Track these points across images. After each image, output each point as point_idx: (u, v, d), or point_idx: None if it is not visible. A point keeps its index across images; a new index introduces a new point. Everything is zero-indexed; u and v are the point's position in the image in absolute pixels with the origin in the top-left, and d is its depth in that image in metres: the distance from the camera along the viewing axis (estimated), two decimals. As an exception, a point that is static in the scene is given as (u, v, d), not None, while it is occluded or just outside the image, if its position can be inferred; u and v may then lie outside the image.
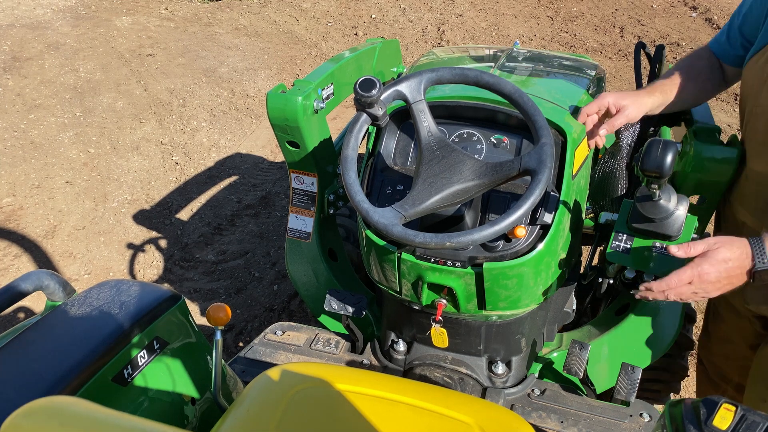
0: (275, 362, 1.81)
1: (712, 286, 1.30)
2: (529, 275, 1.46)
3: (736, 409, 0.93)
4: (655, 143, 1.29)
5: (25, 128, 4.54)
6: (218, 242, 3.64)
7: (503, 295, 1.48)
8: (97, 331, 1.27)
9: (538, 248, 1.42)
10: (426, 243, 1.27)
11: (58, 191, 4.00)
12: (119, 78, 5.22)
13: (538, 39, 5.90)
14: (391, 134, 1.60)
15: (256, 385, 1.28)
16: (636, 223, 1.49)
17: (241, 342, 3.00)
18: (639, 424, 1.58)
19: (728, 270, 1.28)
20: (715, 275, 1.28)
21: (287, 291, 3.26)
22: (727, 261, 1.27)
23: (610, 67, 5.39)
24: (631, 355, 1.76)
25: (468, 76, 1.39)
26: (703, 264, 1.29)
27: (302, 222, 2.01)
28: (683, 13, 6.20)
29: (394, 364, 1.80)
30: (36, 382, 1.15)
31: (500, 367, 1.72)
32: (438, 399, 1.27)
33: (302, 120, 1.76)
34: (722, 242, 1.29)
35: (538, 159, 1.28)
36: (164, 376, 1.38)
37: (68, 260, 3.51)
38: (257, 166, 4.35)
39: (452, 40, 5.90)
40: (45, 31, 5.87)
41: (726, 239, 1.30)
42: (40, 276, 1.40)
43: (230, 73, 5.40)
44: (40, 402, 0.88)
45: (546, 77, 1.87)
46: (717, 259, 1.28)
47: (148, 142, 4.53)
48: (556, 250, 1.50)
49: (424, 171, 1.33)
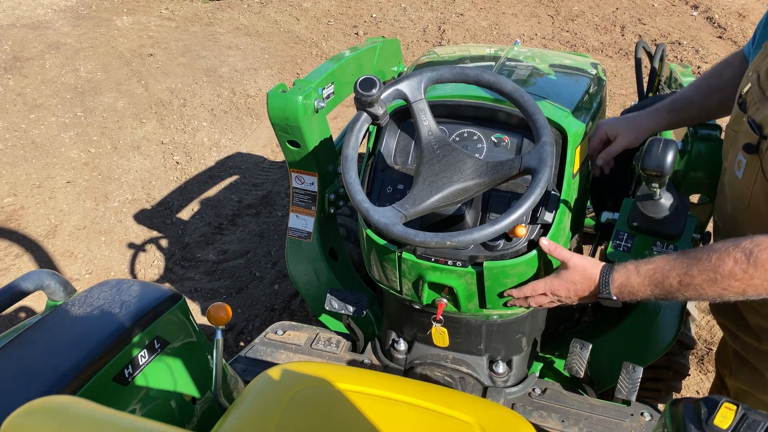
0: (276, 362, 1.81)
1: (565, 300, 1.40)
2: (530, 274, 1.46)
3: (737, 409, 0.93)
4: (656, 142, 1.29)
5: (26, 128, 4.54)
6: (219, 242, 3.64)
7: (504, 294, 1.48)
8: (97, 330, 1.27)
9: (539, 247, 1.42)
10: (426, 242, 1.27)
11: (59, 191, 4.00)
12: (120, 78, 5.22)
13: (538, 38, 5.90)
14: (391, 133, 1.60)
15: (257, 385, 1.28)
16: (637, 222, 1.49)
17: (242, 341, 3.00)
18: (640, 424, 1.58)
19: (576, 290, 1.37)
20: (564, 293, 1.38)
21: (288, 290, 3.26)
22: (575, 283, 1.36)
23: (610, 66, 5.39)
24: (632, 354, 1.76)
25: (468, 75, 1.39)
26: (553, 281, 1.39)
27: (303, 221, 2.01)
28: (684, 12, 6.19)
29: (394, 363, 1.80)
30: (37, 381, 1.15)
31: (501, 366, 1.72)
32: (439, 398, 1.27)
33: (303, 119, 1.76)
34: (577, 264, 1.36)
35: (538, 158, 1.27)
36: (165, 376, 1.38)
37: (69, 260, 3.51)
38: (258, 166, 4.35)
39: (453, 40, 5.90)
40: (46, 30, 5.87)
41: (582, 263, 1.36)
42: (41, 275, 1.40)
43: (231, 72, 5.40)
44: (40, 401, 0.88)
45: (546, 76, 1.87)
46: (566, 280, 1.37)
47: (149, 142, 4.53)
48: (557, 249, 1.50)
49: (424, 170, 1.33)
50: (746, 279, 1.15)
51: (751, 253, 1.14)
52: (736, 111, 1.45)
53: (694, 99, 1.68)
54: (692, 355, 2.79)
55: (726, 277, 1.16)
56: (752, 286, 1.16)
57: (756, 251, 1.14)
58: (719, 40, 5.69)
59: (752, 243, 1.15)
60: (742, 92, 1.43)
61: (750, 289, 1.16)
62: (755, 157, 1.34)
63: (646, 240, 1.49)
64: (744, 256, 1.15)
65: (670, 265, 1.24)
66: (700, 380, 2.71)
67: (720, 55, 5.39)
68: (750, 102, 1.38)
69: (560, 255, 1.38)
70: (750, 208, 1.39)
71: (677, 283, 1.23)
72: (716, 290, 1.19)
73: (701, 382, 2.70)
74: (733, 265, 1.15)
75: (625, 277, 1.29)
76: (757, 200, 1.36)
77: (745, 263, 1.14)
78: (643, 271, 1.28)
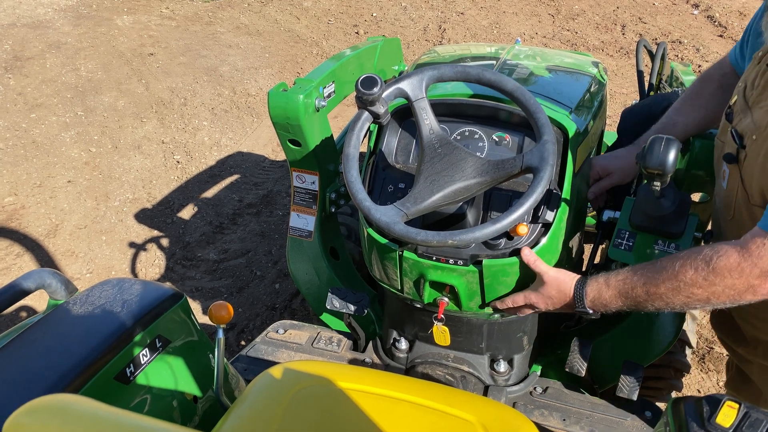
0: (277, 360, 1.81)
1: (545, 310, 1.44)
2: (530, 273, 1.46)
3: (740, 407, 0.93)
4: (658, 140, 1.28)
5: (26, 127, 4.54)
6: (220, 241, 3.64)
7: (503, 293, 1.48)
8: (99, 329, 1.28)
9: (540, 245, 1.42)
10: (428, 241, 1.27)
11: (60, 190, 4.00)
12: (120, 77, 5.22)
13: (539, 37, 5.89)
14: (392, 132, 1.60)
15: (258, 384, 1.28)
16: (638, 221, 1.48)
17: (243, 340, 3.00)
18: (641, 422, 1.58)
19: (553, 303, 1.40)
20: (543, 305, 1.42)
21: (289, 289, 3.26)
22: (551, 298, 1.39)
23: (611, 65, 5.38)
24: (633, 352, 1.75)
25: (470, 74, 1.39)
26: (531, 294, 1.43)
27: (304, 220, 2.01)
28: (685, 11, 6.19)
29: (396, 362, 1.80)
30: (38, 380, 1.15)
31: (502, 365, 1.72)
32: (440, 397, 1.27)
33: (303, 118, 1.76)
34: (551, 280, 1.38)
35: (540, 157, 1.27)
36: (166, 375, 1.38)
37: (70, 259, 3.51)
38: (259, 165, 4.35)
39: (453, 39, 5.89)
40: (46, 30, 5.87)
41: (557, 278, 1.38)
42: (42, 275, 1.40)
43: (231, 71, 5.40)
44: (42, 400, 0.88)
45: (547, 75, 1.87)
46: (543, 294, 1.40)
47: (150, 141, 4.53)
48: (558, 248, 1.49)
49: (425, 169, 1.33)
50: (707, 286, 1.16)
51: (711, 259, 1.15)
52: (723, 122, 1.47)
53: (677, 121, 1.70)
54: (693, 354, 2.79)
55: (689, 285, 1.17)
56: (714, 294, 1.17)
57: (715, 258, 1.14)
58: (720, 38, 5.68)
59: (712, 251, 1.16)
60: (730, 103, 1.44)
61: (713, 297, 1.17)
62: (735, 166, 1.35)
63: (647, 239, 1.49)
64: (704, 263, 1.15)
65: (638, 276, 1.25)
66: (701, 379, 2.71)
67: (720, 54, 5.39)
68: (735, 112, 1.39)
69: (538, 268, 1.39)
70: (734, 219, 1.40)
71: (644, 293, 1.24)
72: (681, 299, 1.20)
73: (702, 381, 2.70)
74: (694, 273, 1.16)
75: (597, 291, 1.31)
76: (740, 211, 1.36)
77: (705, 270, 1.15)
78: (612, 284, 1.29)
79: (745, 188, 1.31)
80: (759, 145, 1.26)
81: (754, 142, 1.27)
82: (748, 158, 1.29)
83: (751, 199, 1.30)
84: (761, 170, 1.24)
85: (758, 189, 1.26)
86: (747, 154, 1.30)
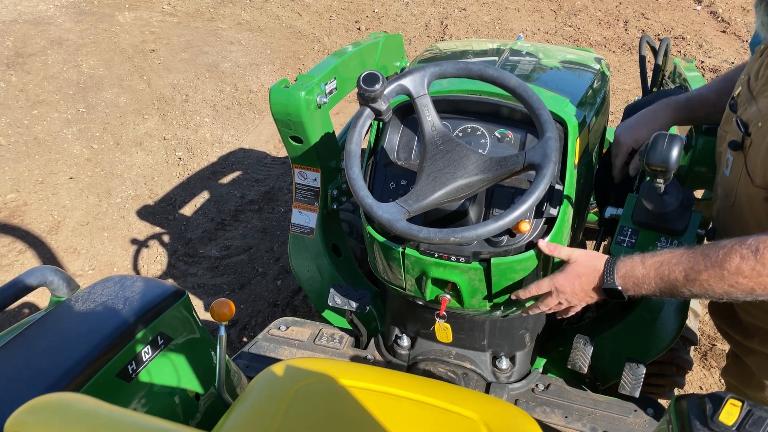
0: (279, 357, 1.82)
1: (572, 297, 1.37)
2: (537, 269, 1.45)
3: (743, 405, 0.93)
4: (661, 137, 1.28)
5: (28, 124, 4.54)
6: (222, 238, 3.64)
7: (511, 290, 1.47)
8: (101, 326, 1.27)
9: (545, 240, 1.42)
10: (430, 238, 1.27)
11: (62, 187, 4.01)
12: (122, 73, 5.22)
13: (541, 33, 5.87)
14: (394, 129, 1.59)
15: (260, 381, 1.28)
16: (641, 217, 1.48)
17: (245, 337, 3.01)
18: (643, 419, 1.58)
19: (581, 284, 1.34)
20: (570, 288, 1.35)
21: (291, 286, 3.26)
22: (580, 276, 1.33)
23: (614, 61, 5.37)
24: (636, 349, 1.75)
25: (472, 70, 1.38)
26: (557, 277, 1.36)
27: (305, 217, 2.01)
28: (688, 6, 6.16)
29: (397, 359, 1.80)
30: (40, 378, 1.15)
31: (504, 362, 1.71)
32: (442, 394, 1.27)
33: (305, 115, 1.76)
34: (580, 257, 1.34)
35: (542, 153, 1.27)
36: (168, 372, 1.38)
37: (72, 256, 3.51)
38: (260, 162, 4.34)
39: (455, 35, 5.88)
40: (48, 26, 5.86)
41: (585, 254, 1.34)
42: (44, 272, 1.40)
43: (233, 68, 5.40)
44: (44, 398, 0.88)
45: (550, 71, 1.86)
46: (570, 273, 1.35)
47: (152, 138, 4.53)
48: (562, 242, 1.49)
49: (427, 166, 1.33)
50: (754, 276, 1.14)
51: (758, 249, 1.13)
52: (727, 112, 1.47)
53: (709, 97, 1.68)
54: (695, 351, 2.79)
55: (733, 273, 1.15)
56: (761, 285, 1.14)
57: (762, 248, 1.13)
58: (723, 34, 5.66)
59: (757, 240, 1.14)
60: (734, 95, 1.45)
61: (758, 287, 1.15)
62: (740, 153, 1.35)
63: (650, 235, 1.48)
64: (750, 252, 1.13)
65: (677, 259, 1.22)
66: (704, 376, 2.71)
67: (723, 50, 5.37)
68: (740, 103, 1.39)
69: (561, 254, 1.37)
70: (735, 206, 1.39)
71: (683, 278, 1.21)
72: (724, 287, 1.18)
73: (704, 378, 2.70)
74: (740, 262, 1.14)
75: (630, 267, 1.28)
76: (741, 198, 1.36)
77: (752, 260, 1.13)
78: (648, 263, 1.26)
79: (748, 173, 1.31)
80: (764, 132, 1.26)
81: (760, 129, 1.28)
82: (754, 144, 1.30)
83: (753, 183, 1.30)
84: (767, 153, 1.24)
85: (762, 173, 1.26)
86: (752, 140, 1.30)
